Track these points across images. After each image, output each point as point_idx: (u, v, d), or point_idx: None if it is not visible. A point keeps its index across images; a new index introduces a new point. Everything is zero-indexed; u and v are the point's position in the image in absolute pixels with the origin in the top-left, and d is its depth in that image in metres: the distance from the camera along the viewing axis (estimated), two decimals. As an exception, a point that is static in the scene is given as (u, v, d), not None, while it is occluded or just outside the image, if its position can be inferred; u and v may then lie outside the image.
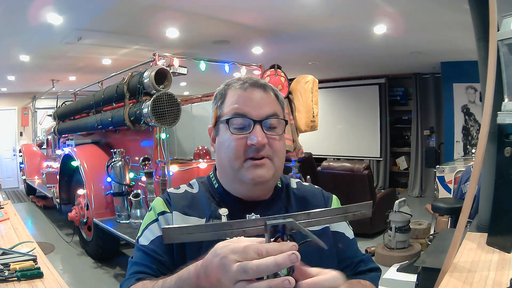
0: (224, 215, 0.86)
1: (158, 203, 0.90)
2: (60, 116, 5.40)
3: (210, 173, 0.95)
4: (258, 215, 0.86)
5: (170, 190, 0.94)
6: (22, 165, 7.48)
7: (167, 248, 0.83)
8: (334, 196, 0.99)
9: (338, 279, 0.59)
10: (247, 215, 0.86)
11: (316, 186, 1.01)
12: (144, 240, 0.85)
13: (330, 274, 0.59)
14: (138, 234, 0.88)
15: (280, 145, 0.85)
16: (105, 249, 3.96)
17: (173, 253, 0.83)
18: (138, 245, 0.86)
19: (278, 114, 0.86)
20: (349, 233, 0.94)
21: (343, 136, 8.16)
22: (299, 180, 1.01)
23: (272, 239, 0.57)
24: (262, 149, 0.81)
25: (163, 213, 0.87)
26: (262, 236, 0.58)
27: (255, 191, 0.86)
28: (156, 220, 0.87)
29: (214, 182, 0.92)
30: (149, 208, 0.92)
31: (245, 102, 0.84)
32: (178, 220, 0.86)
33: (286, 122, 0.88)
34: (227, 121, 0.84)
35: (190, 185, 0.96)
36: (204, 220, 0.86)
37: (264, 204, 0.89)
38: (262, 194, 0.89)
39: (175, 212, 0.86)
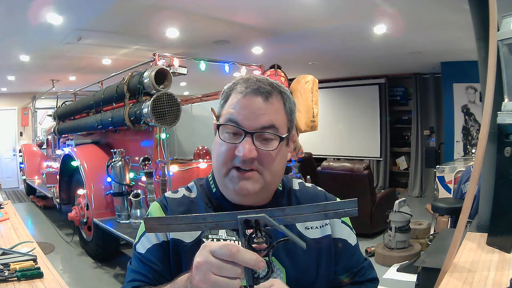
0: None
1: (154, 209, 0.88)
2: (60, 116, 5.40)
3: (209, 176, 0.92)
4: None
5: (168, 194, 0.91)
6: (22, 165, 7.47)
7: (163, 257, 0.82)
8: (337, 199, 0.93)
9: None
10: None
11: (320, 188, 0.98)
12: (141, 248, 0.84)
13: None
14: (136, 240, 0.87)
15: (273, 159, 0.79)
16: (105, 249, 3.96)
17: (170, 262, 0.82)
18: (135, 252, 0.85)
19: (276, 127, 0.79)
20: (352, 239, 0.91)
21: (343, 136, 8.15)
22: (302, 181, 0.98)
23: (247, 235, 0.57)
24: (249, 162, 0.77)
25: None
26: (237, 230, 0.57)
27: (243, 200, 0.82)
28: None
29: (212, 186, 0.89)
30: (146, 213, 0.91)
31: (240, 109, 0.78)
32: None
33: (282, 139, 0.79)
34: (219, 126, 0.81)
35: (189, 189, 0.92)
36: None
37: None
38: (257, 201, 0.83)
39: None
